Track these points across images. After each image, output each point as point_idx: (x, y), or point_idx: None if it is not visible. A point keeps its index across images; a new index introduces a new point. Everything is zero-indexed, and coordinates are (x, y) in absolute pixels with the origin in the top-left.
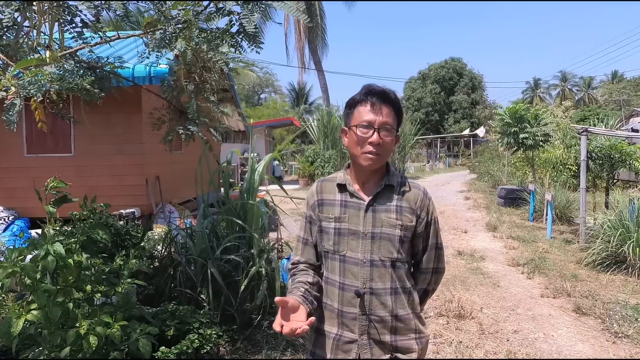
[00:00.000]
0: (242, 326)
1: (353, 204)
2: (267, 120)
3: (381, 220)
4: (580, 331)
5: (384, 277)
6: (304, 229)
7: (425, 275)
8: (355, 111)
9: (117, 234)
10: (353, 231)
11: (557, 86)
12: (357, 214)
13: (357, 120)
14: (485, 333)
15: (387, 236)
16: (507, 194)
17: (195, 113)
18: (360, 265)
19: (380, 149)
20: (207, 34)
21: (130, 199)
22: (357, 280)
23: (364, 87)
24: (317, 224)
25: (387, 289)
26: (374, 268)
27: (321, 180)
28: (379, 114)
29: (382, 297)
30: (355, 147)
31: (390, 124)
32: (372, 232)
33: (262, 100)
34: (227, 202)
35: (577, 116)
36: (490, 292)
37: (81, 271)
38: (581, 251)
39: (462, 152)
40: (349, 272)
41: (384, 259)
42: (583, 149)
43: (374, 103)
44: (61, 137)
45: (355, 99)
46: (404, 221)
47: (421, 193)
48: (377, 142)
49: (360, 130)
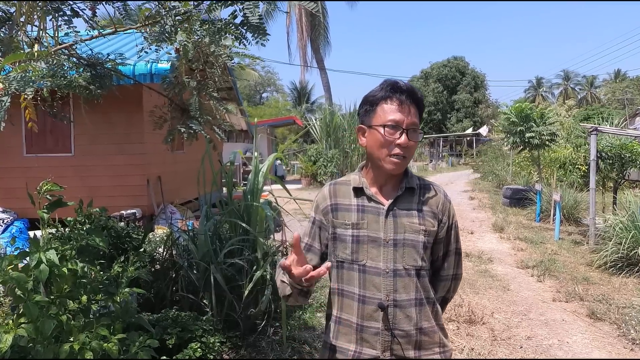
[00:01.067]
0: (246, 332)
1: (371, 208)
2: (270, 120)
3: (403, 226)
4: (596, 337)
5: (408, 288)
6: (310, 234)
7: (445, 282)
8: (379, 109)
9: (117, 237)
10: (373, 238)
11: (560, 85)
12: (376, 220)
13: (382, 120)
14: (498, 339)
15: (410, 243)
16: (512, 194)
17: (197, 110)
18: (383, 275)
19: (407, 152)
20: (209, 26)
21: (131, 199)
22: (380, 292)
23: (387, 83)
24: (328, 231)
25: (411, 300)
26: (398, 278)
27: (333, 184)
28: (407, 114)
29: (406, 310)
30: (379, 149)
31: (417, 124)
32: (394, 239)
33: (263, 100)
34: (231, 204)
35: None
36: (501, 296)
37: (77, 280)
38: (591, 253)
39: (464, 151)
40: (370, 283)
41: (409, 268)
42: (593, 149)
43: (403, 101)
44: (61, 136)
45: (378, 95)
46: (427, 226)
47: (442, 195)
48: (405, 144)
49: (387, 131)
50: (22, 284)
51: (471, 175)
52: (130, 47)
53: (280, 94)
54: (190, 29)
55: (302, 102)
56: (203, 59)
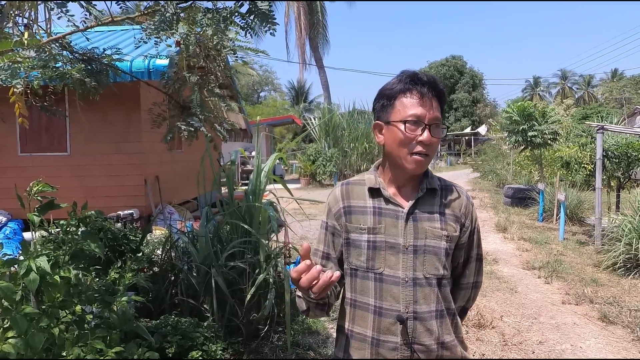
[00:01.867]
0: (248, 338)
1: (389, 211)
2: (268, 119)
3: (424, 231)
4: (610, 342)
5: (429, 298)
6: (324, 241)
7: (466, 291)
8: (398, 103)
9: (114, 239)
10: (391, 244)
11: (557, 84)
12: (394, 224)
13: (402, 115)
14: (509, 344)
15: (432, 249)
16: (514, 193)
17: (198, 107)
18: (402, 285)
19: (430, 149)
20: (213, 15)
21: (128, 199)
22: (399, 303)
23: (406, 74)
24: (341, 236)
25: (432, 312)
26: (418, 288)
27: (346, 184)
28: (430, 108)
29: (427, 322)
30: (399, 147)
31: (440, 119)
32: (415, 245)
33: (261, 99)
34: (232, 204)
35: (578, 114)
36: (509, 299)
37: (70, 288)
38: (597, 253)
39: (463, 150)
40: (388, 294)
41: (430, 277)
42: (599, 147)
43: (424, 94)
44: (56, 135)
45: (396, 87)
46: (449, 231)
47: (465, 198)
48: (429, 142)
49: (408, 127)
50: (10, 295)
51: (471, 174)
52: (128, 44)
53: (278, 93)
54: (193, 18)
55: (300, 101)
56: (204, 53)
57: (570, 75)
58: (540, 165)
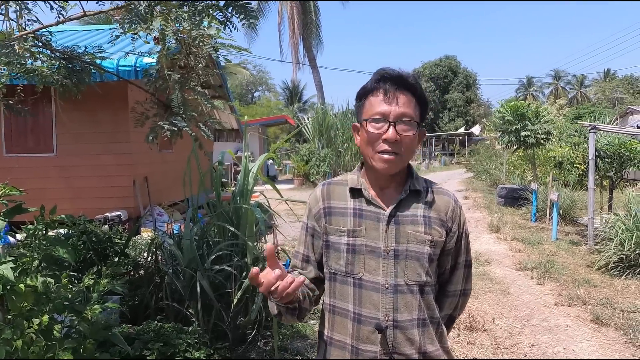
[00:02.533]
0: (235, 343)
1: (370, 213)
2: (261, 119)
3: (407, 235)
4: (602, 344)
5: (410, 306)
6: (304, 243)
7: (452, 298)
8: (367, 102)
9: (98, 242)
10: (371, 248)
11: (550, 84)
12: (375, 227)
13: (369, 113)
14: (500, 347)
15: (414, 254)
16: (507, 193)
17: (180, 106)
18: (382, 291)
19: (398, 148)
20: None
21: (116, 201)
22: (378, 311)
23: (376, 72)
24: (321, 238)
25: (413, 320)
26: (399, 295)
27: (327, 183)
28: (394, 104)
29: (408, 332)
30: (366, 146)
31: (410, 115)
32: (396, 250)
33: (255, 99)
34: (219, 206)
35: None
36: (501, 300)
37: (39, 297)
38: (590, 254)
39: (457, 150)
40: (367, 300)
41: (411, 283)
42: (591, 147)
43: (389, 90)
44: (43, 136)
45: (367, 87)
46: (433, 236)
47: (452, 201)
48: (393, 139)
49: (372, 125)
50: None
51: (464, 174)
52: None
53: (272, 93)
54: (168, 12)
55: (294, 102)
56: (186, 50)
57: (563, 76)
58: (533, 165)
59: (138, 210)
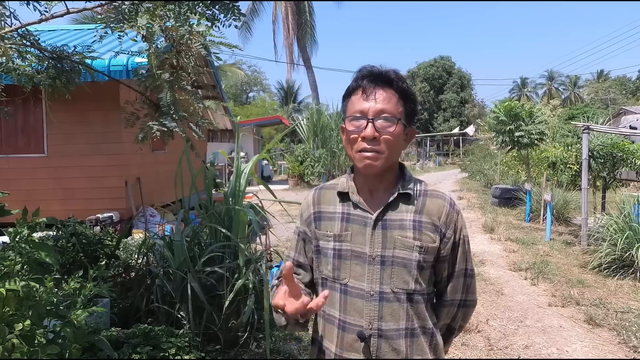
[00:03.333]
0: (227, 345)
1: (357, 218)
2: (256, 119)
3: (393, 240)
4: (596, 345)
5: (397, 315)
6: (296, 248)
7: (450, 308)
8: (349, 102)
9: (88, 244)
10: (357, 253)
11: (544, 85)
12: (362, 231)
13: (349, 112)
14: (494, 349)
15: (401, 261)
16: (502, 193)
17: (171, 106)
18: (367, 298)
19: (378, 145)
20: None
21: (108, 202)
22: (362, 318)
23: (357, 70)
24: (312, 243)
25: (400, 330)
26: (385, 303)
27: (319, 188)
28: (373, 100)
29: (394, 341)
30: (348, 145)
31: (390, 111)
32: (382, 256)
33: (250, 99)
34: (210, 207)
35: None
36: (495, 301)
37: (21, 301)
38: (583, 254)
39: (452, 150)
40: (352, 307)
41: (397, 291)
42: (585, 148)
43: (367, 88)
44: (33, 136)
45: (349, 87)
46: (423, 241)
47: (447, 204)
48: (371, 136)
49: (352, 124)
50: None
51: (459, 174)
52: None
53: (267, 94)
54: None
55: (289, 102)
56: (176, 49)
57: (557, 76)
58: (527, 165)
59: (130, 211)
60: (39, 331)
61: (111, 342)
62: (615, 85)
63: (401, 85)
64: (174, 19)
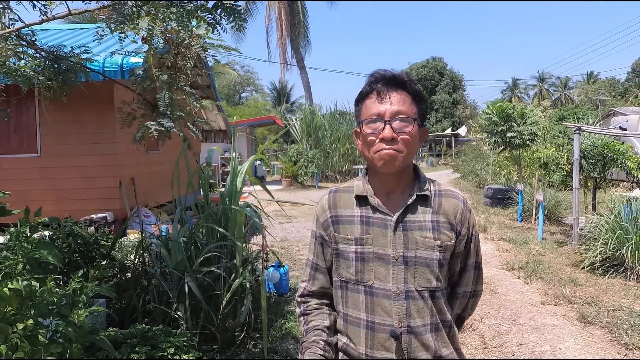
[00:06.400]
0: (224, 345)
1: (377, 220)
2: (249, 119)
3: (415, 241)
4: (588, 343)
5: (422, 312)
6: (314, 251)
7: (462, 299)
8: (363, 106)
9: (84, 244)
10: (380, 255)
11: (535, 86)
12: (383, 234)
13: (365, 116)
14: (489, 347)
15: (423, 261)
16: (494, 193)
17: (168, 106)
18: (394, 298)
19: (397, 145)
20: (177, 9)
21: (102, 202)
22: (391, 318)
23: (369, 75)
24: (331, 247)
25: (427, 325)
26: (411, 301)
27: (334, 191)
28: (388, 103)
29: (422, 337)
30: (365, 148)
31: (406, 112)
32: (405, 256)
33: (243, 100)
34: (207, 207)
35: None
36: (489, 300)
37: (24, 301)
38: (575, 253)
39: (444, 151)
40: (379, 308)
41: (422, 289)
42: (576, 148)
43: (381, 91)
44: (26, 136)
45: (362, 92)
46: (442, 240)
47: (461, 204)
48: (390, 137)
49: (369, 127)
50: None
51: (451, 175)
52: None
53: (260, 94)
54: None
55: (282, 102)
56: (174, 50)
57: (547, 78)
58: (519, 165)
59: (124, 211)
60: (41, 330)
61: (110, 342)
62: (604, 86)
63: (414, 87)
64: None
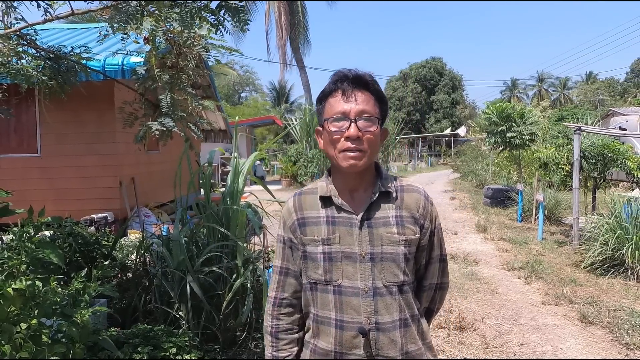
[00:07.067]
0: (226, 345)
1: (343, 220)
2: (249, 119)
3: (380, 237)
4: (590, 343)
5: (390, 308)
6: (282, 256)
7: (429, 292)
8: (327, 104)
9: (85, 244)
10: (347, 254)
11: (534, 87)
12: (349, 232)
13: (329, 114)
14: (490, 347)
15: (389, 256)
16: (494, 193)
17: (170, 106)
18: (362, 295)
19: (361, 144)
20: (180, 9)
21: (102, 202)
22: (360, 315)
23: (333, 74)
24: (299, 249)
25: (395, 321)
26: (379, 297)
27: (298, 194)
28: (353, 102)
29: (390, 333)
30: (330, 147)
31: (370, 112)
32: (372, 253)
33: (242, 100)
34: (208, 207)
35: (554, 116)
36: (490, 300)
37: (27, 301)
38: (575, 253)
39: (443, 151)
40: (348, 306)
41: (389, 285)
42: (576, 148)
43: (346, 89)
44: (26, 136)
45: (325, 90)
46: (407, 235)
47: (422, 197)
48: (355, 136)
49: (334, 125)
50: None
51: (451, 175)
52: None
53: (259, 94)
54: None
55: (281, 102)
56: (176, 51)
57: (546, 78)
58: (518, 165)
59: (125, 211)
60: (45, 330)
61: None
62: (603, 87)
63: (377, 88)
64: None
